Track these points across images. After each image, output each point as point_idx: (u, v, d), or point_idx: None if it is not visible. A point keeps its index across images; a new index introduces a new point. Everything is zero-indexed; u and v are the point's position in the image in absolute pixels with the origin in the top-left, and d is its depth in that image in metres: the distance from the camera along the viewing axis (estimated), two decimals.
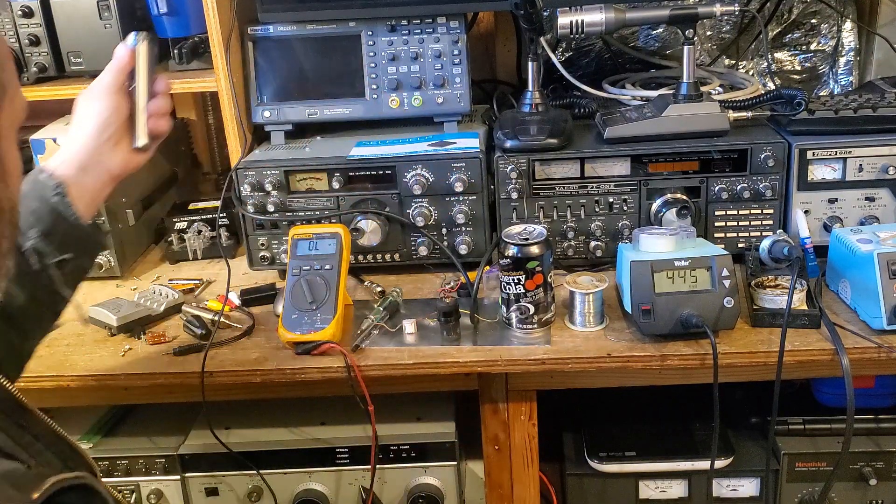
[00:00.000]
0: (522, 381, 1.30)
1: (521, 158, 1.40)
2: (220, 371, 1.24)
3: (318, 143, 1.57)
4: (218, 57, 1.52)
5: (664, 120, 1.40)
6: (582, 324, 1.28)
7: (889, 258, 1.18)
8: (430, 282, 1.46)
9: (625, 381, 1.30)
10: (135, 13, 1.61)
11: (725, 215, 1.42)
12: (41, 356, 1.29)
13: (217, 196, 1.66)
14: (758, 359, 1.19)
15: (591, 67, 1.91)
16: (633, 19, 1.40)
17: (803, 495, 1.46)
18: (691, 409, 1.55)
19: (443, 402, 1.49)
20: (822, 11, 1.86)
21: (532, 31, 1.39)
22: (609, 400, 1.59)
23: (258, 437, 1.46)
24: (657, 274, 1.20)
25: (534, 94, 1.48)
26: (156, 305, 1.39)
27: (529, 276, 1.23)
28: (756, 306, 1.26)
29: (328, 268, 1.29)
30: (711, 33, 1.88)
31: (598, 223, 1.44)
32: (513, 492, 1.40)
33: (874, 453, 1.42)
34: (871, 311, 1.21)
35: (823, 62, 1.90)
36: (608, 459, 1.47)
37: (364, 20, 1.53)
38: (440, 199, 1.43)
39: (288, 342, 1.26)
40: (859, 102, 1.41)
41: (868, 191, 1.40)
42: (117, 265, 1.57)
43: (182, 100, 2.03)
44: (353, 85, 1.56)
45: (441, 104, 1.54)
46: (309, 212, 1.46)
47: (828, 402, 1.49)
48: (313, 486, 1.44)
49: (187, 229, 1.64)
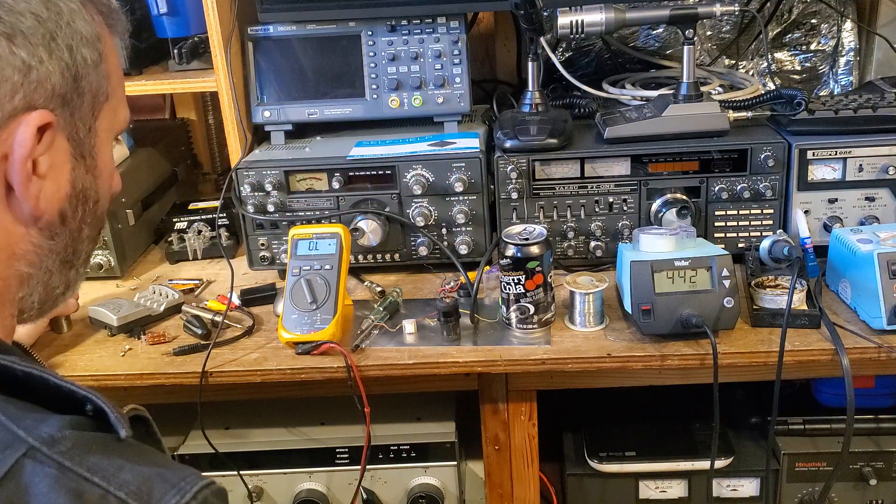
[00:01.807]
0: (522, 381, 1.30)
1: (521, 158, 1.40)
2: (220, 371, 1.24)
3: (318, 143, 1.57)
4: (218, 57, 1.52)
5: (664, 120, 1.40)
6: (582, 324, 1.28)
7: (889, 258, 1.18)
8: (430, 282, 1.46)
9: (625, 381, 1.30)
10: (134, 13, 1.60)
11: (725, 215, 1.42)
12: (39, 356, 1.29)
13: (217, 196, 1.66)
14: (758, 359, 1.19)
15: (591, 67, 1.91)
16: (633, 19, 1.40)
17: (803, 495, 1.46)
18: (691, 409, 1.55)
19: (443, 402, 1.49)
20: (822, 11, 1.86)
21: (532, 31, 1.39)
22: (609, 400, 1.59)
23: (258, 437, 1.46)
24: (657, 274, 1.20)
25: (534, 94, 1.48)
26: (156, 305, 1.39)
27: (529, 276, 1.23)
28: (756, 306, 1.26)
29: (328, 268, 1.29)
30: (711, 33, 1.88)
31: (598, 223, 1.44)
32: (513, 492, 1.40)
33: (874, 453, 1.42)
34: (871, 311, 1.21)
35: (823, 62, 1.90)
36: (608, 459, 1.47)
37: (364, 20, 1.53)
38: (440, 199, 1.43)
39: (288, 342, 1.26)
40: (859, 102, 1.41)
41: (868, 191, 1.40)
42: (117, 265, 1.57)
43: (182, 100, 2.03)
44: (353, 85, 1.56)
45: (441, 104, 1.54)
46: (309, 212, 1.46)
47: (828, 402, 1.49)
48: (313, 486, 1.44)
49: (187, 229, 1.64)
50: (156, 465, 0.63)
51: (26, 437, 0.60)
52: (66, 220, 0.75)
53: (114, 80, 0.79)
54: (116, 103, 0.80)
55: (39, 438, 0.60)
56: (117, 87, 0.80)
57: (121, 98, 0.81)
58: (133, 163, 1.67)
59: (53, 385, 0.65)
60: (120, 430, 0.64)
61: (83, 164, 0.75)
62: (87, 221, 0.78)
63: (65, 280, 0.79)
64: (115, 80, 0.79)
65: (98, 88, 0.75)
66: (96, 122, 0.76)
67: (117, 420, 0.65)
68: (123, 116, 0.82)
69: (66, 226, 0.75)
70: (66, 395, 0.65)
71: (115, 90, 0.79)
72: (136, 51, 1.60)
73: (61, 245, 0.76)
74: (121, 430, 0.64)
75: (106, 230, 1.53)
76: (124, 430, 0.65)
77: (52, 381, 0.65)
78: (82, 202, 0.76)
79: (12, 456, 0.59)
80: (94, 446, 0.62)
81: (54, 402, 0.65)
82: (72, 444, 0.61)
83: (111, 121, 0.79)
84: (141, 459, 0.63)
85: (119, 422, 0.65)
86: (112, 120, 0.79)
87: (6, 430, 0.60)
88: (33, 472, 0.59)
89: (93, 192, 0.78)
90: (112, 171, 0.82)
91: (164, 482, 0.62)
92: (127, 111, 0.83)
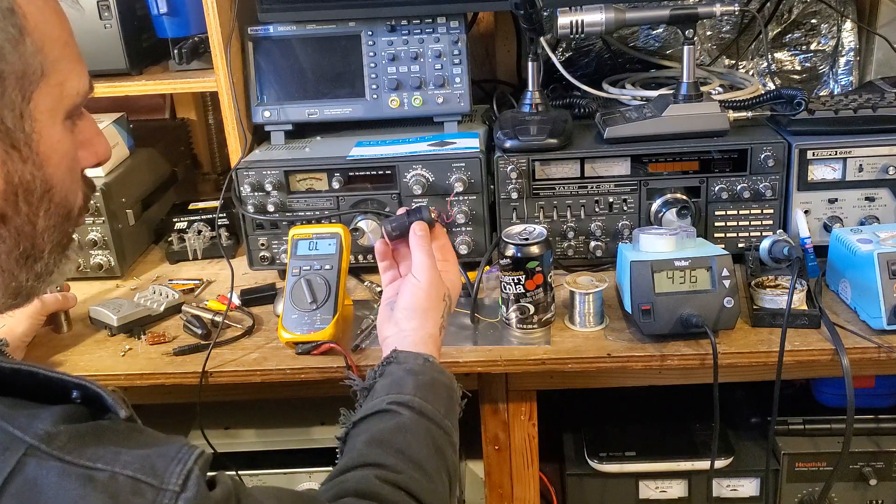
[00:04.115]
0: (522, 381, 1.30)
1: (521, 158, 1.40)
2: (220, 371, 1.24)
3: (318, 143, 1.57)
4: (218, 57, 1.52)
5: (664, 120, 1.40)
6: (582, 324, 1.28)
7: (889, 258, 1.18)
8: None
9: (625, 381, 1.30)
10: (135, 13, 1.61)
11: (725, 215, 1.42)
12: (40, 357, 1.30)
13: (217, 196, 1.65)
14: (758, 359, 1.19)
15: (591, 67, 1.91)
16: (633, 19, 1.40)
17: (803, 495, 1.46)
18: (691, 409, 1.55)
19: None
20: (822, 11, 1.86)
21: (532, 31, 1.39)
22: (609, 400, 1.59)
23: (258, 437, 1.46)
24: (657, 274, 1.20)
25: (534, 94, 1.48)
26: (156, 305, 1.39)
27: (529, 276, 1.23)
28: (756, 306, 1.26)
29: (328, 268, 1.29)
30: (711, 33, 1.88)
31: (598, 223, 1.44)
32: (513, 492, 1.40)
33: (874, 453, 1.42)
34: (871, 311, 1.21)
35: (823, 62, 1.90)
36: (608, 459, 1.47)
37: (364, 20, 1.53)
38: (440, 199, 1.43)
39: (288, 342, 1.26)
40: (859, 102, 1.41)
41: (868, 191, 1.40)
42: (117, 265, 1.57)
43: (182, 100, 2.03)
44: (353, 85, 1.56)
45: (441, 104, 1.54)
46: (309, 212, 1.46)
47: (828, 402, 1.49)
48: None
49: (187, 229, 1.64)
50: (148, 446, 0.64)
51: (23, 436, 0.60)
52: (7, 218, 0.69)
53: (51, 51, 0.69)
54: (61, 77, 0.70)
55: (36, 436, 0.60)
56: (59, 58, 0.70)
57: (68, 69, 0.71)
58: (133, 163, 1.67)
59: (42, 378, 0.65)
60: (119, 410, 0.65)
61: (17, 154, 0.68)
62: (39, 214, 0.71)
63: (33, 273, 0.73)
64: (53, 52, 0.69)
65: (25, 68, 0.67)
66: (30, 105, 0.68)
67: (115, 403, 0.65)
68: (76, 88, 0.72)
69: (8, 224, 0.69)
70: (55, 385, 0.65)
71: (54, 63, 0.69)
72: (136, 51, 1.60)
73: (11, 244, 0.70)
74: (120, 410, 0.65)
75: (106, 230, 1.54)
76: (124, 410, 0.65)
77: (42, 374, 0.65)
78: (25, 196, 0.69)
79: (13, 456, 0.59)
80: (87, 437, 0.62)
81: (42, 394, 0.64)
82: (67, 438, 0.61)
83: (56, 98, 0.70)
84: (133, 442, 0.64)
85: (117, 404, 0.65)
86: (57, 97, 0.70)
87: (2, 431, 0.60)
88: (38, 468, 0.59)
89: (39, 182, 0.70)
90: (66, 152, 0.73)
91: (162, 457, 0.63)
92: (81, 81, 0.73)
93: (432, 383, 0.98)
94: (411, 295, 1.06)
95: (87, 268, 1.56)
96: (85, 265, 1.56)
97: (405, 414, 0.92)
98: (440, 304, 1.08)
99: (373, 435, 0.91)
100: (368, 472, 0.86)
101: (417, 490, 0.86)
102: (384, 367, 1.00)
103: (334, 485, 0.86)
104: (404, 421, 0.92)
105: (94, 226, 1.54)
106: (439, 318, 1.07)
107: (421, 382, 0.96)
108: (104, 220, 1.53)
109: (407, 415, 0.92)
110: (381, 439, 0.90)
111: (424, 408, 0.94)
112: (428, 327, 1.05)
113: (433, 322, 1.06)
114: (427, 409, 0.94)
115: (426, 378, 0.97)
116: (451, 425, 0.97)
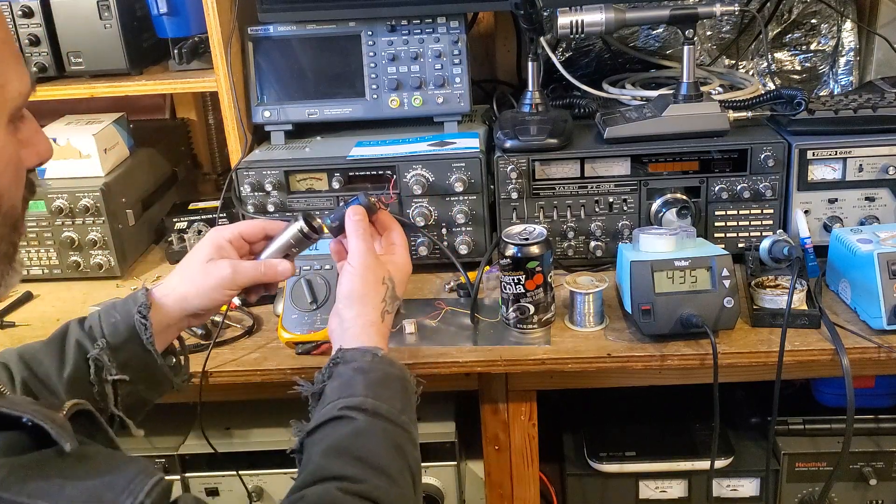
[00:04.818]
0: (522, 381, 1.30)
1: (521, 158, 1.40)
2: (220, 371, 1.24)
3: (318, 143, 1.57)
4: (218, 57, 1.52)
5: (664, 120, 1.40)
6: (582, 324, 1.28)
7: (889, 258, 1.18)
8: (430, 282, 1.46)
9: (625, 381, 1.30)
10: (135, 13, 1.61)
11: (725, 215, 1.42)
12: None
13: (217, 196, 1.66)
14: (758, 359, 1.19)
15: (591, 67, 1.91)
16: (633, 19, 1.40)
17: (803, 495, 1.46)
18: (691, 409, 1.55)
19: (443, 402, 1.49)
20: (822, 11, 1.86)
21: (532, 31, 1.39)
22: (609, 400, 1.59)
23: (258, 437, 1.46)
24: (657, 274, 1.20)
25: (534, 94, 1.48)
26: None
27: (529, 276, 1.23)
28: (756, 306, 1.26)
29: (328, 268, 1.29)
30: (711, 33, 1.88)
31: (598, 223, 1.44)
32: (513, 492, 1.40)
33: (874, 453, 1.42)
34: (871, 311, 1.21)
35: (823, 62, 1.90)
36: (608, 459, 1.47)
37: (364, 20, 1.53)
38: (440, 199, 1.43)
39: (288, 342, 1.26)
40: (859, 102, 1.41)
41: (868, 191, 1.40)
42: (117, 265, 1.57)
43: (182, 100, 2.03)
44: (353, 85, 1.56)
45: (441, 104, 1.54)
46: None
47: (828, 402, 1.49)
48: None
49: (187, 229, 1.64)
50: (100, 474, 0.60)
51: None
52: None
53: None
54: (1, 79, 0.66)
55: None
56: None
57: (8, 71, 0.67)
58: (133, 163, 1.67)
59: None
60: (64, 444, 0.61)
61: None
62: None
63: None
64: None
65: None
66: None
67: (59, 435, 0.61)
68: (17, 90, 0.68)
69: None
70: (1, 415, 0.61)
71: None
72: (136, 51, 1.60)
73: None
74: (65, 444, 0.61)
75: (106, 230, 1.54)
76: (69, 443, 0.61)
77: None
78: None
79: None
80: (31, 471, 0.59)
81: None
82: (7, 471, 0.58)
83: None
84: (84, 472, 0.60)
85: (61, 436, 0.61)
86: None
87: None
88: None
89: None
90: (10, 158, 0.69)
91: (111, 489, 0.59)
92: (22, 81, 0.69)
93: (384, 379, 0.93)
94: (348, 282, 1.02)
95: (87, 268, 1.56)
96: (85, 265, 1.56)
97: (359, 418, 0.88)
98: (379, 287, 1.02)
99: (329, 445, 0.87)
100: (329, 486, 0.82)
101: (383, 497, 0.82)
102: (331, 368, 0.96)
103: (294, 501, 0.81)
104: (359, 425, 0.88)
105: (94, 226, 1.54)
106: (380, 303, 1.02)
107: (371, 380, 0.92)
108: (104, 220, 1.53)
109: (361, 419, 0.88)
110: (338, 449, 0.86)
111: (378, 407, 0.90)
112: (368, 314, 1.00)
113: (372, 307, 1.01)
114: (381, 408, 0.90)
115: (377, 375, 0.93)
116: (409, 420, 0.93)
